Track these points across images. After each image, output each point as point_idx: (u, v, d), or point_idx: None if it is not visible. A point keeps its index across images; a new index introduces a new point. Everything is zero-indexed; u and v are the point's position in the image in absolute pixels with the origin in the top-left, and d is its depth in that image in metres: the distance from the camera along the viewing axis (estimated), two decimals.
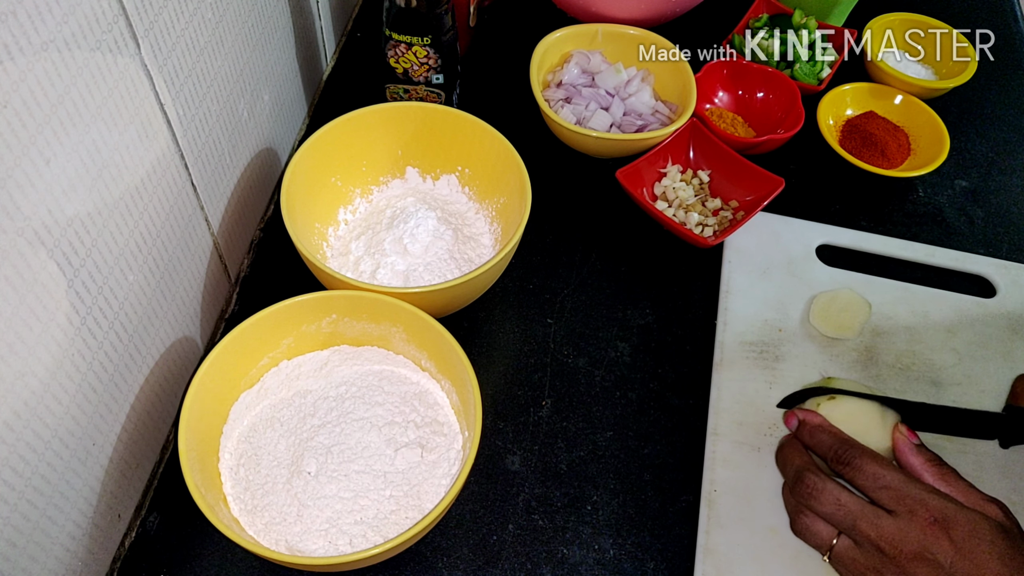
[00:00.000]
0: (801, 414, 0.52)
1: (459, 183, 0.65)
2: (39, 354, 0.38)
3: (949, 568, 0.42)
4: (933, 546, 0.42)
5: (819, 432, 0.50)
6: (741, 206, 0.67)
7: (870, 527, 0.44)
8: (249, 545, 0.41)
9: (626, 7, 0.75)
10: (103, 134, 0.40)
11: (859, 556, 0.45)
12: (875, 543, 0.44)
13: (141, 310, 0.47)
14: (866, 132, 0.73)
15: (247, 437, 0.51)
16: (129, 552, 0.50)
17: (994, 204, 0.72)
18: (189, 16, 0.47)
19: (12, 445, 0.37)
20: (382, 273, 0.58)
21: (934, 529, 0.43)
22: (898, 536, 0.43)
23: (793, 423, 0.52)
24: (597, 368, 0.59)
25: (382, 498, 0.48)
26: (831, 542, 0.46)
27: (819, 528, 0.46)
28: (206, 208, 0.54)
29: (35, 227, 0.36)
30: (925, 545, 0.43)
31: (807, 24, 0.77)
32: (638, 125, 0.71)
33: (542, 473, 0.54)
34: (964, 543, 0.42)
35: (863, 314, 0.61)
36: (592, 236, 0.67)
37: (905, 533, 0.43)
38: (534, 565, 0.50)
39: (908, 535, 0.43)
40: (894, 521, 0.44)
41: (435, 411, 0.52)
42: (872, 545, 0.44)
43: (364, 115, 0.61)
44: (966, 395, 0.57)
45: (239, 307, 0.61)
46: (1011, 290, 0.64)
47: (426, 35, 0.63)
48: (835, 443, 0.49)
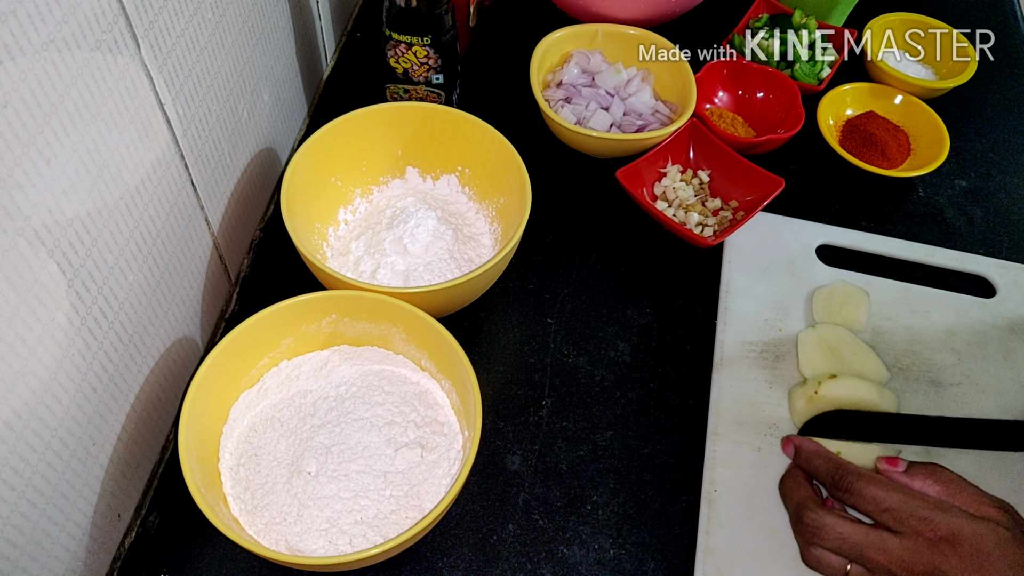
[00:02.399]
0: (796, 440, 0.52)
1: (459, 183, 0.65)
2: (39, 354, 0.38)
3: None
4: (943, 564, 0.42)
5: (815, 458, 0.50)
6: (741, 206, 0.67)
7: (878, 554, 0.44)
8: (249, 545, 0.41)
9: (626, 7, 0.75)
10: (103, 134, 0.40)
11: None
12: (886, 568, 0.44)
13: (141, 310, 0.47)
14: (866, 132, 0.73)
15: (247, 437, 0.51)
16: (129, 552, 0.50)
17: (994, 204, 0.72)
18: (189, 16, 0.47)
19: (12, 445, 0.37)
20: (382, 273, 0.58)
21: (942, 547, 0.43)
22: (907, 558, 0.43)
23: (789, 450, 0.52)
24: (597, 368, 0.59)
25: (382, 498, 0.48)
26: (844, 571, 0.46)
27: (830, 560, 0.46)
28: (206, 208, 0.54)
29: (35, 227, 0.36)
30: (936, 564, 0.42)
31: (807, 24, 0.77)
32: (638, 125, 0.71)
33: (542, 473, 0.54)
34: (973, 557, 0.42)
35: (864, 304, 0.61)
36: (592, 236, 0.67)
37: (913, 554, 0.43)
38: (534, 565, 0.50)
39: (917, 556, 0.43)
40: (901, 542, 0.44)
41: (435, 411, 0.52)
42: (884, 570, 0.44)
43: (364, 115, 0.61)
44: (966, 395, 0.57)
45: (239, 307, 0.61)
46: (1011, 290, 0.64)
47: (426, 35, 0.63)
48: (831, 469, 0.49)
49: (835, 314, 0.60)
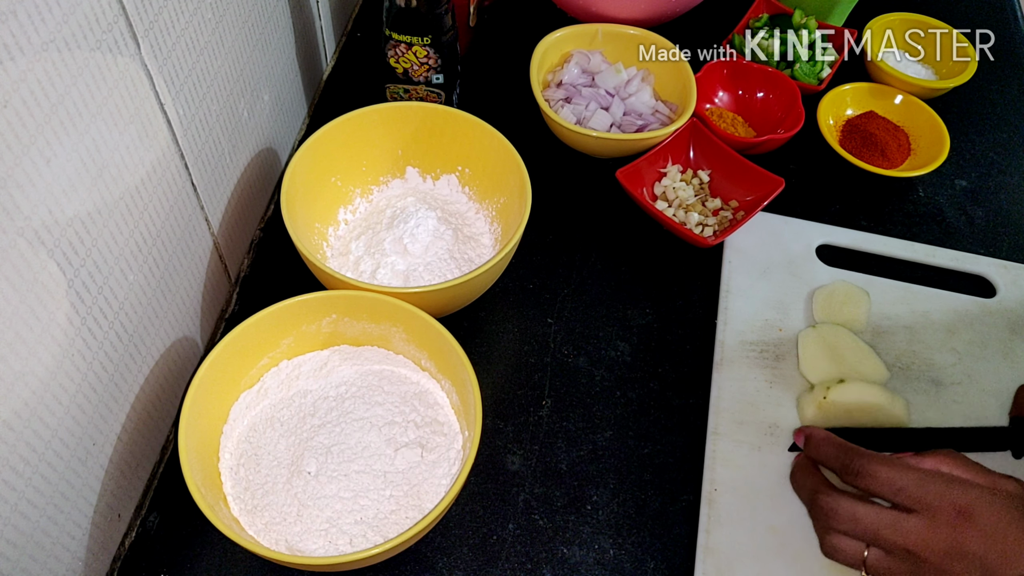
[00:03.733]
0: (807, 429, 0.51)
1: (459, 183, 0.65)
2: (39, 354, 0.38)
3: (983, 557, 0.41)
4: (962, 538, 0.42)
5: (824, 445, 0.49)
6: (741, 206, 0.67)
7: (895, 534, 0.43)
8: (249, 545, 0.41)
9: (626, 7, 0.75)
10: (103, 134, 0.40)
11: (893, 564, 0.44)
12: (904, 548, 0.43)
13: (141, 310, 0.47)
14: (866, 132, 0.73)
15: (247, 437, 0.51)
16: (129, 552, 0.50)
17: (994, 204, 0.72)
18: (189, 16, 0.47)
19: (12, 445, 0.37)
20: (382, 273, 0.58)
21: (959, 521, 0.42)
22: (926, 536, 0.42)
23: (800, 439, 0.52)
24: (597, 368, 0.59)
25: (382, 498, 0.48)
26: (862, 556, 0.45)
27: (846, 545, 0.45)
28: (206, 208, 0.54)
29: (35, 227, 0.36)
30: (955, 539, 0.42)
31: (807, 24, 0.77)
32: (638, 125, 0.71)
33: (542, 473, 0.54)
34: (992, 528, 0.41)
35: (864, 303, 0.61)
36: (592, 236, 0.67)
37: (931, 531, 0.42)
38: (534, 565, 0.50)
39: (935, 533, 0.42)
40: (918, 521, 0.43)
41: (435, 411, 0.52)
42: (902, 550, 0.43)
43: (364, 115, 0.61)
44: (966, 395, 0.57)
45: (239, 307, 0.61)
46: (1011, 290, 0.64)
47: (426, 35, 0.63)
48: (840, 454, 0.48)
49: (835, 314, 0.60)
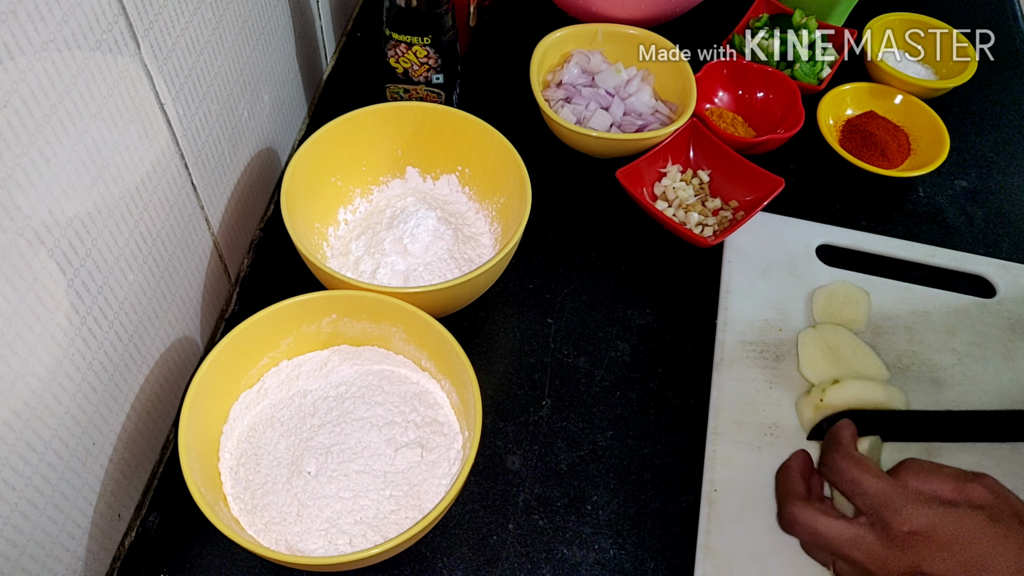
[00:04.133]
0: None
1: (459, 183, 0.65)
2: (39, 354, 0.38)
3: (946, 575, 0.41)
4: (921, 561, 0.41)
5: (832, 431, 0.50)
6: (741, 206, 0.67)
7: (854, 551, 0.43)
8: (249, 545, 0.41)
9: (626, 7, 0.75)
10: (103, 134, 0.40)
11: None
12: (863, 566, 0.43)
13: (141, 310, 0.47)
14: (866, 132, 0.73)
15: (247, 437, 0.51)
16: (129, 552, 0.50)
17: (994, 204, 0.72)
18: (189, 16, 0.47)
19: (12, 445, 0.37)
20: (382, 273, 0.58)
21: (916, 541, 0.42)
22: (884, 556, 0.42)
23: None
24: (597, 368, 0.59)
25: (382, 498, 0.48)
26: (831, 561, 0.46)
27: (814, 553, 0.47)
28: (206, 208, 0.54)
29: (35, 227, 0.36)
30: (913, 562, 0.42)
31: (807, 24, 0.77)
32: (638, 125, 0.71)
33: (542, 473, 0.54)
34: (953, 545, 0.41)
35: (864, 304, 0.61)
36: (592, 236, 0.67)
37: (889, 551, 0.42)
38: (534, 565, 0.50)
39: (892, 553, 0.42)
40: (876, 539, 0.43)
41: (435, 411, 0.52)
42: (861, 568, 0.43)
43: (364, 115, 0.61)
44: (967, 395, 0.57)
45: (239, 307, 0.61)
46: (1011, 290, 0.64)
47: (426, 35, 0.63)
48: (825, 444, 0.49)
49: (835, 314, 0.60)
